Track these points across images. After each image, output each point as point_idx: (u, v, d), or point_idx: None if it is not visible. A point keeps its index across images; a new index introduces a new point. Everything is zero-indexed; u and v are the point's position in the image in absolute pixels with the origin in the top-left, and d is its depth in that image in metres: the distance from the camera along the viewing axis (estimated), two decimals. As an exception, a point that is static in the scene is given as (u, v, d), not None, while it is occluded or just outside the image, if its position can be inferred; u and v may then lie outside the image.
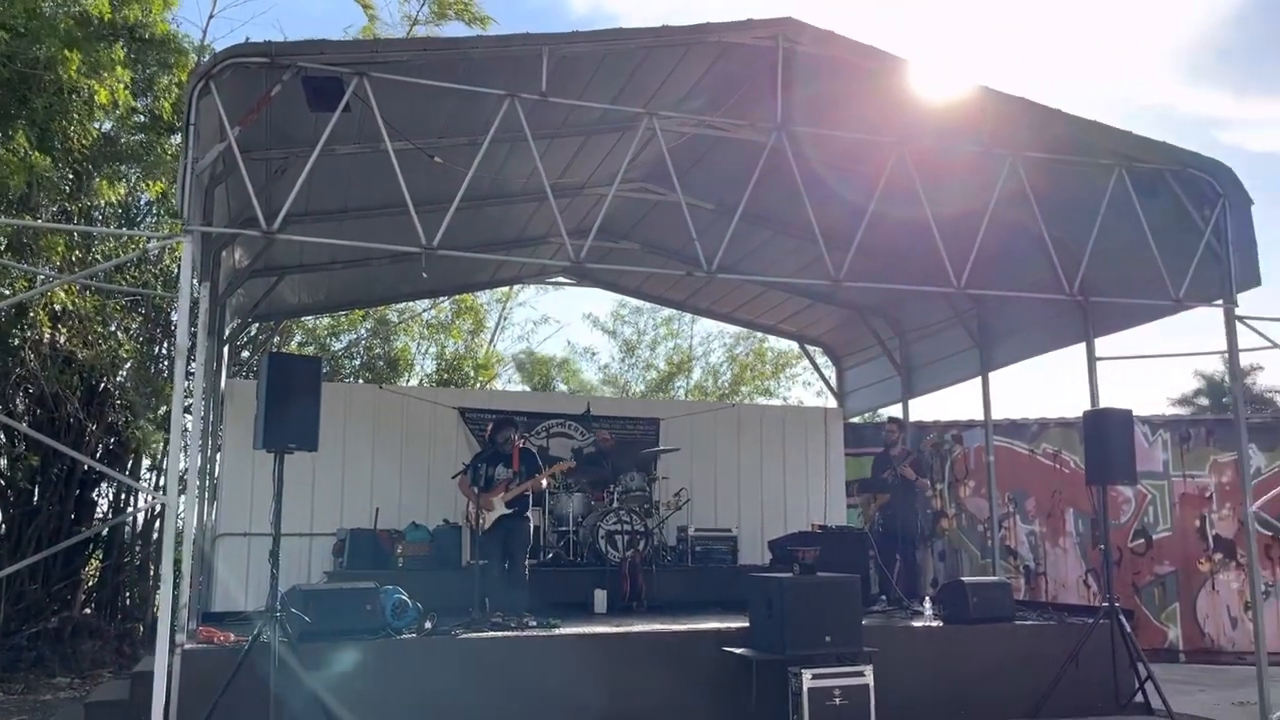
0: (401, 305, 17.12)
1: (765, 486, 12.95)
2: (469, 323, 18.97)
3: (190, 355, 6.49)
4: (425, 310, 18.18)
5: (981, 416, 11.48)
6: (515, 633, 7.35)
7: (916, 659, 7.82)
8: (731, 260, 10.19)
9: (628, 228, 11.64)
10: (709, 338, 22.82)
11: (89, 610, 12.32)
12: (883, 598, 9.65)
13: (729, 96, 8.40)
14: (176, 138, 10.73)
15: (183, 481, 6.38)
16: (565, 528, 10.47)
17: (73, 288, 9.66)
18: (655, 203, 10.52)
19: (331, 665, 6.43)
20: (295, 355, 12.55)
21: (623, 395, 21.37)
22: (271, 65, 6.45)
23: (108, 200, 10.55)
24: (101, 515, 12.93)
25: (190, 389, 6.94)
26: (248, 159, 6.73)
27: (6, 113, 9.10)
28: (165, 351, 12.48)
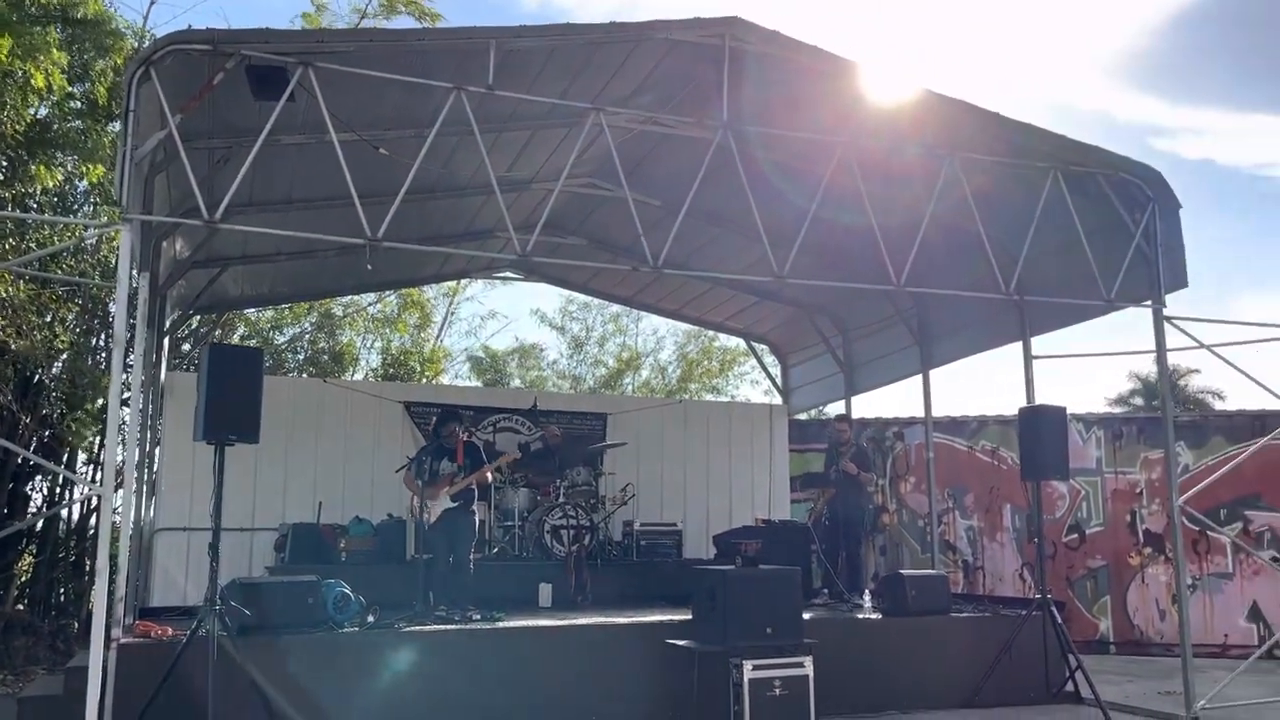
0: (347, 299, 16.98)
1: (711, 482, 13.07)
2: (415, 317, 18.86)
3: (129, 347, 6.39)
4: (371, 304, 18.03)
5: (922, 414, 11.71)
6: (459, 626, 7.35)
7: (856, 650, 7.96)
8: (679, 257, 10.27)
9: (576, 223, 11.66)
10: (660, 336, 22.96)
11: (22, 606, 12.06)
12: (824, 591, 9.79)
13: (677, 94, 8.47)
14: (115, 125, 10.53)
15: (119, 475, 6.29)
16: (511, 522, 10.47)
17: (6, 276, 9.43)
18: (603, 199, 10.55)
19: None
20: (236, 346, 12.39)
21: (572, 391, 21.39)
22: (214, 53, 6.36)
23: (44, 187, 10.32)
24: (35, 510, 12.66)
25: (129, 381, 6.82)
26: (189, 148, 6.64)
27: (-63, 96, 8.89)
28: (103, 343, 12.24)
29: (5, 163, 9.77)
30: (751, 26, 7.52)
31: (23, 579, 12.48)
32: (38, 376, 11.50)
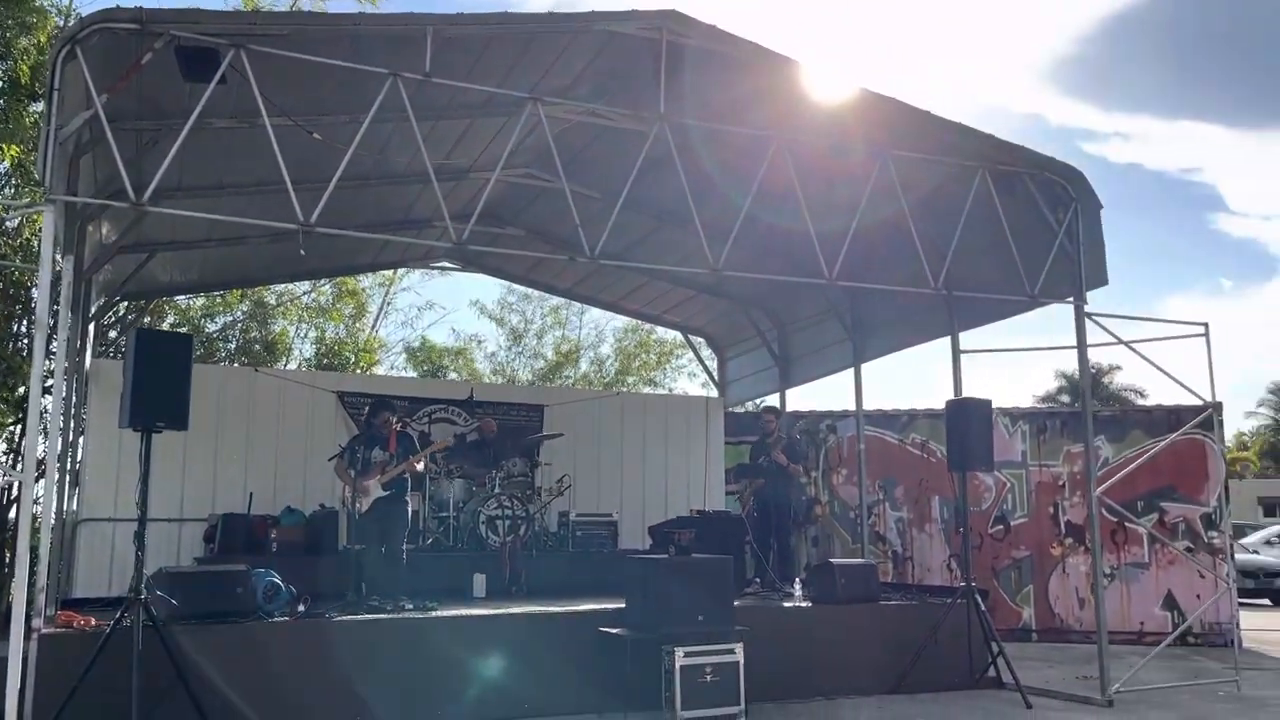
0: (280, 287, 16.72)
1: (647, 473, 13.18)
2: (350, 306, 18.66)
3: (51, 332, 6.25)
4: (305, 293, 17.80)
5: (854, 407, 11.92)
6: (391, 615, 7.32)
7: (786, 637, 8.10)
8: (617, 249, 10.31)
9: (514, 214, 11.64)
10: (599, 330, 22.97)
11: (-62, 598, 11.68)
12: (756, 580, 9.93)
13: (615, 86, 8.50)
14: (38, 105, 10.23)
15: (41, 464, 6.14)
16: (445, 513, 10.41)
17: (-78, 258, 9.15)
18: (542, 189, 10.55)
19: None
20: (164, 331, 12.17)
21: (509, 383, 21.32)
22: (143, 32, 6.23)
23: (-39, 167, 10.03)
24: (-49, 501, 12.28)
25: (51, 368, 6.65)
26: (116, 129, 6.49)
27: None
28: (24, 329, 11.91)
29: (-80, 141, 9.46)
30: (689, 20, 7.58)
31: (-63, 571, 12.08)
32: (-46, 362, 11.17)
